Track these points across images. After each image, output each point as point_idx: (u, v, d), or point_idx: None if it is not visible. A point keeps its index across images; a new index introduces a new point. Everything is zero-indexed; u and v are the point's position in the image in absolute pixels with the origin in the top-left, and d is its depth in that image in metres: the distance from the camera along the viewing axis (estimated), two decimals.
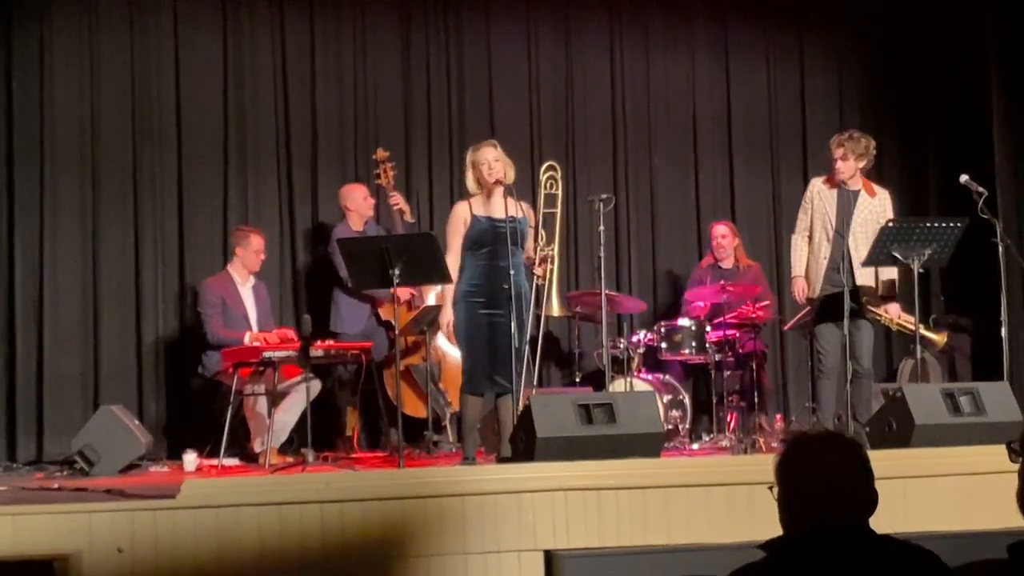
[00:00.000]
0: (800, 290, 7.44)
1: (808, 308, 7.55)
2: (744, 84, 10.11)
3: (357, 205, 8.31)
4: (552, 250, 6.80)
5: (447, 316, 6.62)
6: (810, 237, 7.39)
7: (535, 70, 9.68)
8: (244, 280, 8.05)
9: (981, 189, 7.16)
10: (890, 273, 7.33)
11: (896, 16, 10.25)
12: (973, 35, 9.78)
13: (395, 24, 9.37)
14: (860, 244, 7.10)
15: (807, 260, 7.40)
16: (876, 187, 7.36)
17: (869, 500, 2.76)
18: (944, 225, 6.83)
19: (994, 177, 9.15)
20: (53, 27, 8.61)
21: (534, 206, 6.89)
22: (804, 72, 10.23)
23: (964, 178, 7.28)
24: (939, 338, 8.26)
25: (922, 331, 8.45)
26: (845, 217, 7.17)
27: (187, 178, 8.80)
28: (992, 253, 7.04)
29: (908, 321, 8.13)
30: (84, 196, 8.58)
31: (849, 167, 7.23)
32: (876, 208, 7.23)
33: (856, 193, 7.26)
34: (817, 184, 7.43)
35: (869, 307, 7.33)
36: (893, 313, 7.53)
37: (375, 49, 9.30)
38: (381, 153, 8.53)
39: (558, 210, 6.96)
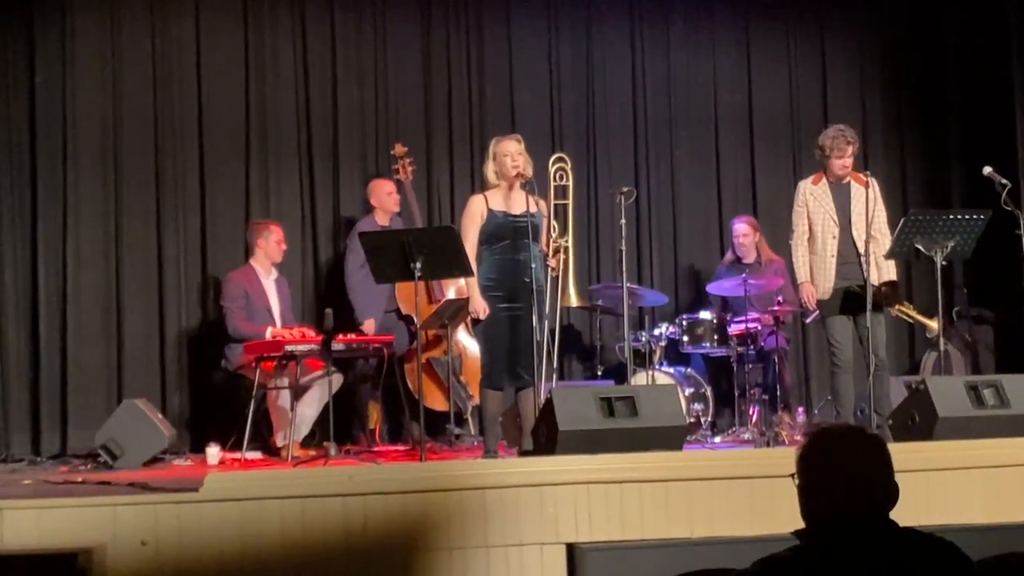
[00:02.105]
0: (809, 295, 7.24)
1: (817, 312, 7.47)
2: (765, 76, 10.08)
3: (381, 201, 8.32)
4: (565, 241, 6.79)
5: (480, 304, 6.56)
6: (809, 240, 7.30)
7: (556, 63, 9.67)
8: (267, 273, 8.08)
9: (1004, 181, 7.11)
10: (891, 272, 7.30)
11: (918, 7, 10.21)
12: (996, 26, 9.73)
13: (416, 18, 9.38)
14: (863, 235, 7.07)
15: (811, 263, 7.29)
16: (862, 175, 7.28)
17: (889, 493, 2.76)
18: (967, 217, 6.80)
19: (1017, 169, 9.11)
20: (75, 22, 8.64)
21: (547, 199, 6.87)
22: (826, 64, 10.20)
23: (987, 170, 7.24)
24: (934, 323, 8.22)
25: (917, 316, 8.44)
26: (846, 211, 7.15)
27: (209, 173, 8.83)
28: (1015, 245, 7.00)
29: (907, 308, 8.14)
30: (106, 191, 8.61)
31: (851, 159, 7.22)
32: (872, 195, 7.13)
33: (848, 185, 7.23)
34: (806, 185, 7.33)
35: (885, 304, 7.31)
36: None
37: (396, 43, 9.30)
38: (399, 148, 8.55)
39: (569, 201, 6.95)
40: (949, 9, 10.08)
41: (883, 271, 7.21)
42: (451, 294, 8.10)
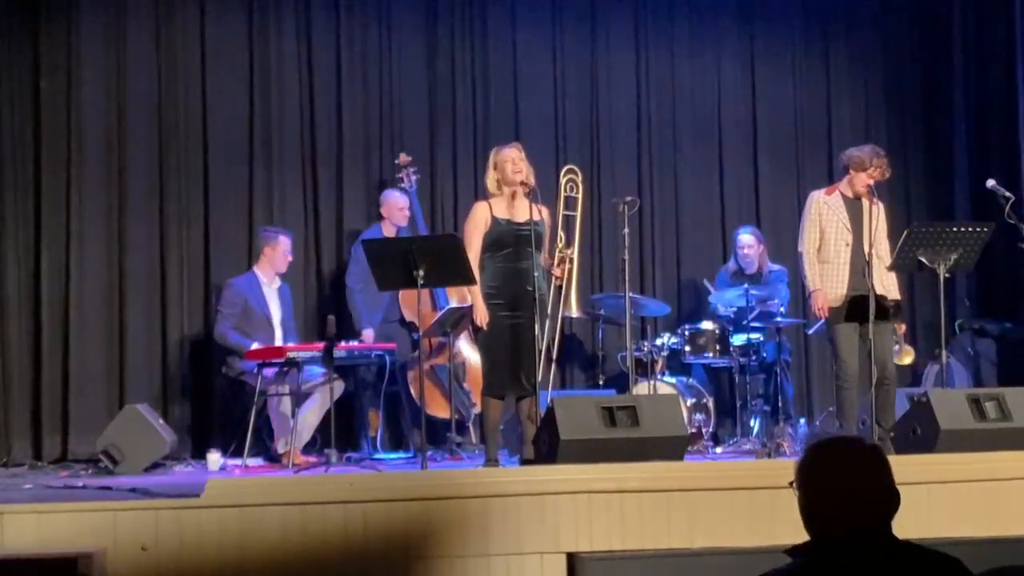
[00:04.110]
0: (823, 303, 7.14)
1: (820, 322, 7.44)
2: (770, 87, 10.07)
3: (391, 213, 8.33)
4: (571, 252, 6.80)
5: (482, 312, 6.51)
6: (819, 250, 7.27)
7: (560, 72, 9.66)
8: (270, 281, 8.07)
9: (1008, 194, 7.12)
10: (895, 292, 7.28)
11: (922, 19, 10.21)
12: (1000, 39, 9.74)
13: (421, 25, 9.37)
14: (871, 248, 7.07)
15: (821, 272, 7.25)
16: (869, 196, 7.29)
17: (890, 504, 2.74)
18: (970, 230, 6.78)
19: (1021, 181, 9.09)
20: (80, 27, 8.65)
21: (554, 209, 6.87)
22: (830, 76, 10.18)
23: (991, 183, 7.26)
24: (907, 359, 8.59)
25: (901, 342, 8.50)
26: (859, 224, 7.14)
27: (213, 179, 8.83)
28: (1018, 258, 7.00)
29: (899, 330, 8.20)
30: (110, 195, 8.61)
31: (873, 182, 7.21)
32: (879, 214, 7.11)
33: (860, 201, 7.22)
34: (819, 196, 7.28)
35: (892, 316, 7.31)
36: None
37: (400, 50, 9.30)
38: (403, 158, 8.56)
39: (578, 213, 6.96)
40: (954, 22, 10.08)
41: (890, 291, 7.16)
42: (454, 302, 8.10)
